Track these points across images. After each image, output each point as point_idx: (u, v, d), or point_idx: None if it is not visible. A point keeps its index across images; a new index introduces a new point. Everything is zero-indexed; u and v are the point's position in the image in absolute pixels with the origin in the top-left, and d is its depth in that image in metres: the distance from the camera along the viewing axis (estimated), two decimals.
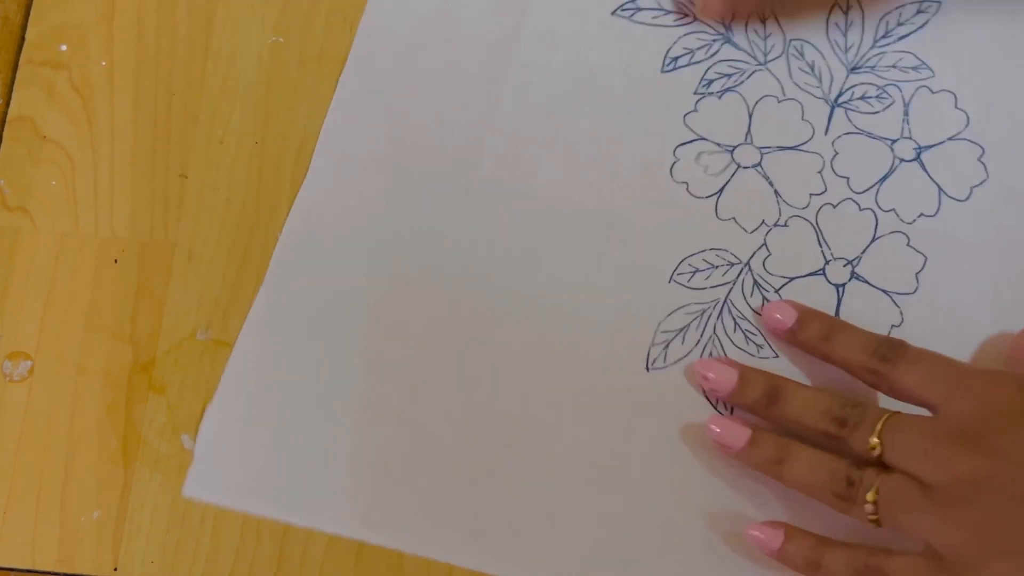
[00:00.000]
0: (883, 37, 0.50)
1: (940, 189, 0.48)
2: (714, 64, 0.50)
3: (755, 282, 0.47)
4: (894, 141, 0.49)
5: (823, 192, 0.48)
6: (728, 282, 0.47)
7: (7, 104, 0.50)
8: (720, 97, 0.49)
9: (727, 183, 0.48)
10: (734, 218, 0.48)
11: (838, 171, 0.49)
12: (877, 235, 0.48)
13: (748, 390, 0.45)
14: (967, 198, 0.48)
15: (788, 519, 0.44)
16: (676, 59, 0.50)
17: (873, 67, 0.50)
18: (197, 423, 0.47)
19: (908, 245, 0.48)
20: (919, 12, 0.50)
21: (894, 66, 0.50)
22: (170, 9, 0.51)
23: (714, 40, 0.50)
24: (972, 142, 0.48)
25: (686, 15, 0.50)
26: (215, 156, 0.50)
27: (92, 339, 0.48)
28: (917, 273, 0.47)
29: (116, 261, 0.49)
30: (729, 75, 0.49)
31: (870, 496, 0.40)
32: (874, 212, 0.48)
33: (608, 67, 0.50)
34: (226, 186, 0.49)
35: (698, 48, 0.50)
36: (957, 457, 0.39)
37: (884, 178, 0.48)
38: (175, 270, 0.49)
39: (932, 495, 0.39)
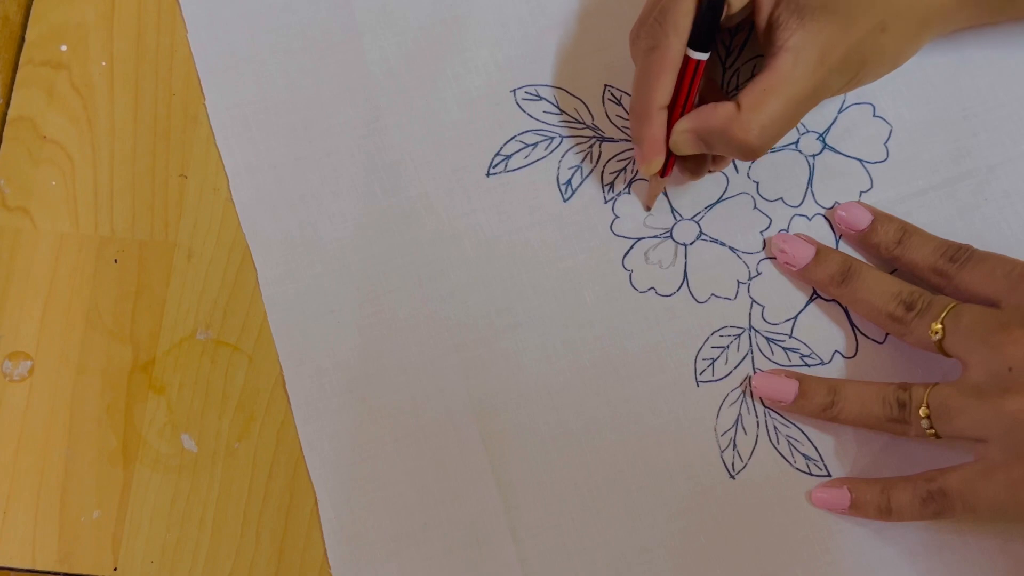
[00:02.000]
0: (731, 62, 0.50)
1: (860, 161, 0.49)
2: (605, 166, 0.49)
3: (767, 339, 0.47)
4: (796, 142, 0.49)
5: (768, 226, 0.48)
6: (745, 353, 0.47)
7: (7, 104, 0.50)
8: (629, 192, 0.49)
9: (686, 267, 0.48)
10: (713, 294, 0.48)
11: (768, 196, 0.49)
12: (838, 237, 0.48)
13: (823, 266, 0.46)
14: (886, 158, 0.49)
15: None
16: (570, 182, 0.49)
17: (737, 87, 0.50)
18: (197, 423, 0.47)
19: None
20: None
21: (754, 75, 0.48)
22: (170, 9, 0.51)
23: (590, 144, 0.49)
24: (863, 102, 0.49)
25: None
26: (215, 156, 0.50)
27: (92, 339, 0.48)
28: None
29: (116, 261, 0.49)
30: (623, 168, 0.49)
31: (922, 411, 0.42)
32: (823, 216, 0.48)
33: (508, 225, 0.49)
34: (226, 186, 0.49)
35: (582, 160, 0.49)
36: (1015, 341, 0.40)
37: (810, 180, 0.49)
38: (175, 270, 0.49)
39: (981, 392, 0.41)
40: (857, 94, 0.49)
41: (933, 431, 0.42)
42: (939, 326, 0.43)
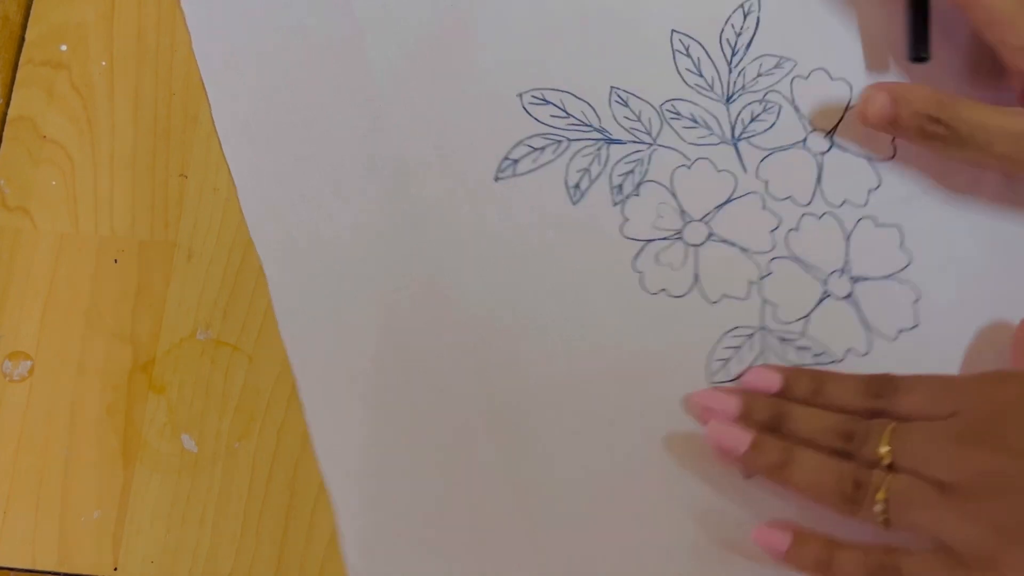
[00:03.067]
0: (736, 61, 0.50)
1: (868, 159, 0.48)
2: (613, 168, 0.49)
3: (780, 339, 0.47)
4: (804, 140, 0.49)
5: (778, 225, 0.48)
6: (758, 353, 0.47)
7: (7, 104, 0.50)
8: (639, 194, 0.48)
9: (697, 269, 0.48)
10: (724, 295, 0.47)
11: (777, 195, 0.48)
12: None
13: (753, 415, 0.44)
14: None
15: (793, 517, 0.44)
16: (578, 185, 0.48)
17: (743, 87, 0.49)
18: (197, 423, 0.47)
19: (877, 225, 0.48)
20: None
21: (760, 74, 0.49)
22: (170, 9, 0.51)
23: (598, 147, 0.49)
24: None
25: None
26: (215, 156, 0.50)
27: (92, 339, 0.48)
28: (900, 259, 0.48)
29: (116, 261, 0.49)
30: (631, 170, 0.49)
31: (880, 495, 0.40)
32: (832, 214, 0.48)
33: (517, 228, 0.48)
34: (226, 186, 0.49)
35: (590, 163, 0.49)
36: (970, 456, 0.39)
37: (818, 179, 0.48)
38: (175, 270, 0.48)
39: (945, 492, 0.39)
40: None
41: (886, 518, 0.40)
42: (886, 448, 0.41)
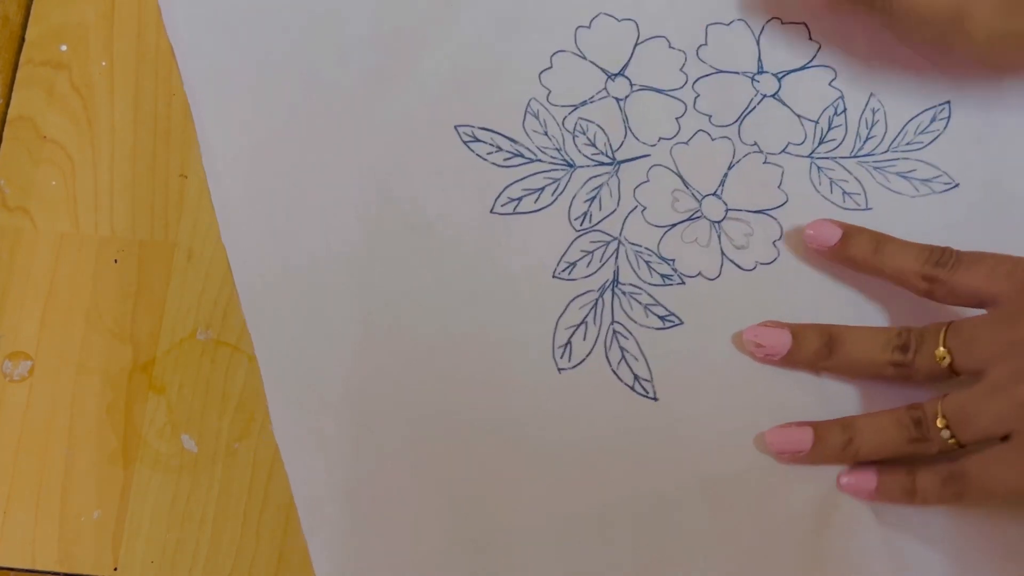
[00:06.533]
0: None
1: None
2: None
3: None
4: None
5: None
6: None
7: (7, 104, 0.50)
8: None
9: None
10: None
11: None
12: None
13: (805, 346, 0.45)
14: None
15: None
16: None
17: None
18: (197, 423, 0.47)
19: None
20: None
21: None
22: None
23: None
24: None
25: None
26: None
27: (92, 339, 0.48)
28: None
29: (116, 261, 0.49)
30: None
31: (940, 422, 0.41)
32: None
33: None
34: None
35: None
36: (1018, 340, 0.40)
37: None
38: (175, 270, 0.49)
39: (997, 385, 0.40)
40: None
41: (954, 440, 0.41)
42: (943, 350, 0.42)
